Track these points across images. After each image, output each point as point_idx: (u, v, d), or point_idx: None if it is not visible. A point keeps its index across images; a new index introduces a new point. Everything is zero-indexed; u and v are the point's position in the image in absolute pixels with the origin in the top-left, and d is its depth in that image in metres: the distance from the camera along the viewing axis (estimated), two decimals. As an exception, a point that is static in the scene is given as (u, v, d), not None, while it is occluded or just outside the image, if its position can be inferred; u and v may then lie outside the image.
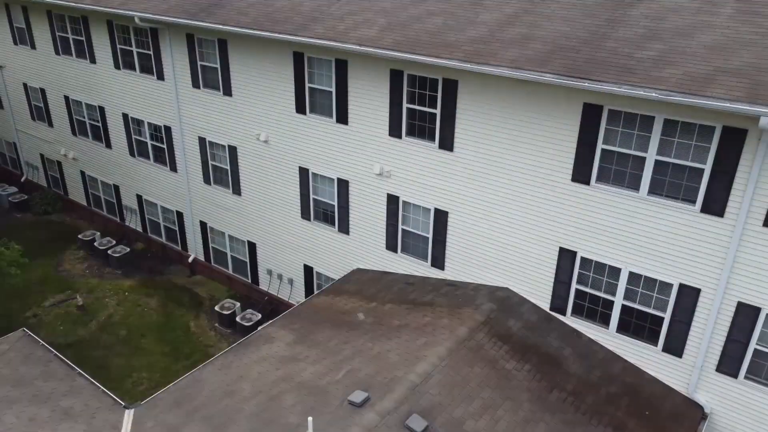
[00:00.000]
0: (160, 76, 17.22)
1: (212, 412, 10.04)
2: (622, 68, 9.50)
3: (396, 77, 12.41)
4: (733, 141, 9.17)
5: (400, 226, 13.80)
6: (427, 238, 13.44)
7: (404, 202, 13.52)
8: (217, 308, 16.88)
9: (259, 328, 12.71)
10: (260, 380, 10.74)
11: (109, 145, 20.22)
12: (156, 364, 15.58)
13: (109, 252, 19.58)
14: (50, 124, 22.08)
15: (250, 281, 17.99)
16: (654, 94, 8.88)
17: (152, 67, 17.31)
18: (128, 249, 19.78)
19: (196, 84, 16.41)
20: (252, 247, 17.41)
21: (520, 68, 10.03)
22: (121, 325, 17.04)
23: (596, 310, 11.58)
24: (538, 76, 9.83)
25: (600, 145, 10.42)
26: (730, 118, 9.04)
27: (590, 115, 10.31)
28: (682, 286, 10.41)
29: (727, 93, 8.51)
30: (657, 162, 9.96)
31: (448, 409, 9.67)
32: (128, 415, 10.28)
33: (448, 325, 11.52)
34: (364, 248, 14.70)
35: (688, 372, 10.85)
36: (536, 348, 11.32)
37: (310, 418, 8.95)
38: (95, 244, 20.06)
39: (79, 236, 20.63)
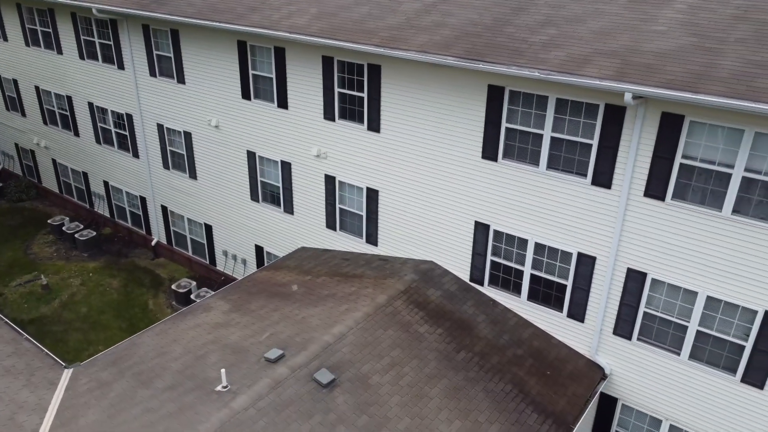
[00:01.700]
0: (121, 66, 18.03)
1: (142, 369, 10.86)
2: (515, 51, 10.32)
3: (327, 63, 13.22)
4: (614, 118, 9.98)
5: (338, 205, 14.62)
6: (362, 216, 14.26)
7: (340, 182, 14.33)
8: (173, 287, 17.69)
9: (199, 299, 13.52)
10: (191, 343, 11.55)
11: (77, 134, 21.03)
12: (113, 338, 16.38)
13: (76, 236, 20.39)
14: (23, 114, 22.89)
15: (208, 262, 18.81)
16: (536, 74, 9.70)
17: (113, 57, 18.12)
18: (94, 233, 20.59)
19: (152, 73, 17.22)
20: (209, 229, 18.23)
21: (426, 52, 10.85)
22: (82, 303, 17.86)
23: (509, 280, 12.40)
24: (441, 59, 10.65)
25: (504, 124, 11.23)
26: (610, 96, 9.86)
27: (494, 96, 11.12)
28: (580, 255, 11.23)
29: (599, 72, 9.33)
30: (553, 139, 10.79)
31: (357, 365, 10.50)
32: (66, 373, 11.09)
33: (371, 294, 12.35)
34: (307, 227, 15.53)
35: (590, 336, 11.67)
36: (451, 314, 12.14)
37: (222, 370, 9.82)
38: (63, 228, 20.87)
39: (49, 221, 21.45)
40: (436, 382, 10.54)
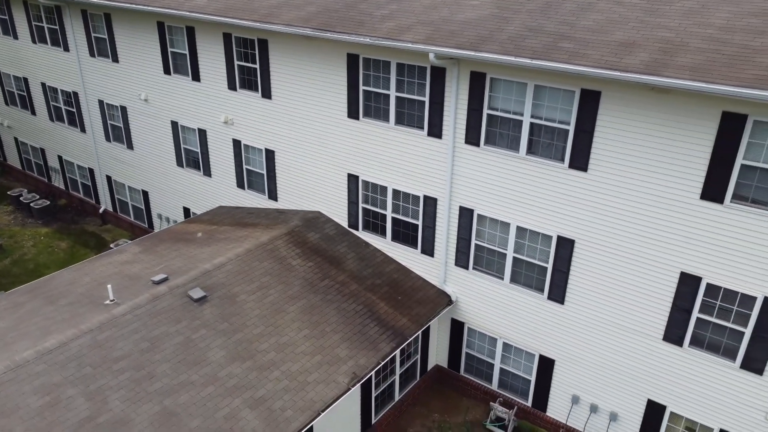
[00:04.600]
0: (66, 48, 20.06)
1: (53, 293, 12.87)
2: (359, 23, 12.33)
3: (227, 39, 15.23)
4: (438, 78, 11.97)
5: (245, 167, 16.63)
6: (263, 174, 16.27)
7: (245, 145, 16.35)
8: (112, 245, 19.72)
9: (119, 246, 15.53)
10: (99, 275, 13.56)
11: (33, 112, 23.07)
12: (54, 289, 18.39)
13: (31, 205, 22.43)
14: (-12, 96, 24.94)
15: (147, 226, 20.83)
16: (368, 40, 11.70)
17: (59, 40, 20.15)
18: (48, 202, 22.62)
19: (92, 53, 19.25)
20: (146, 195, 20.25)
21: (290, 25, 12.87)
22: (31, 261, 19.90)
23: (378, 224, 14.39)
24: (298, 30, 12.66)
25: (361, 87, 13.23)
26: (438, 60, 11.81)
27: (352, 63, 13.12)
28: (426, 198, 13.22)
29: (413, 37, 11.33)
30: (397, 98, 12.78)
31: (228, 287, 12.51)
32: (-10, 299, 13.11)
33: (258, 236, 14.36)
34: (222, 188, 17.54)
35: (438, 268, 13.66)
36: (324, 252, 14.14)
37: (108, 286, 11.84)
38: (21, 198, 22.91)
39: (8, 193, 23.49)
40: (295, 302, 12.54)
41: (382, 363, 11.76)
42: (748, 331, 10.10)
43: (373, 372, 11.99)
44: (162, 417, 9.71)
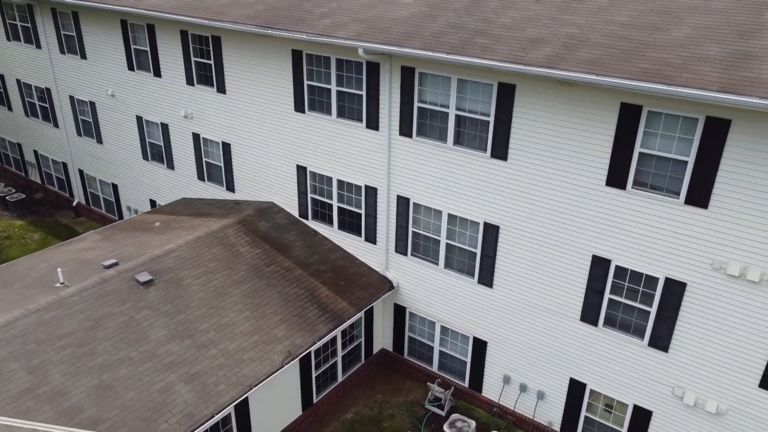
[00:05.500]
0: (38, 45, 20.69)
1: (9, 278, 13.50)
2: (300, 20, 12.96)
3: (184, 36, 15.86)
4: (372, 73, 12.60)
5: (204, 159, 17.26)
6: (221, 167, 16.90)
7: (204, 139, 16.98)
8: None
9: (81, 235, 16.14)
10: (56, 262, 14.19)
11: (10, 108, 23.70)
12: (24, 278, 19.02)
13: (7, 198, 23.06)
14: (-33, 93, 25.57)
15: (117, 218, 21.46)
16: (304, 36, 12.34)
17: (32, 37, 20.78)
18: (23, 195, 23.26)
19: (62, 50, 19.88)
20: (115, 188, 20.88)
21: (236, 22, 13.49)
22: (2, 252, 20.52)
23: (325, 214, 15.02)
24: (244, 27, 13.29)
25: (306, 82, 13.86)
26: (367, 55, 12.46)
27: (296, 60, 13.75)
28: (367, 187, 13.85)
29: (346, 34, 11.96)
30: (338, 92, 13.41)
31: (176, 271, 13.14)
32: (-49, 283, 13.73)
33: (210, 225, 14.99)
34: (185, 180, 18.17)
35: (380, 255, 14.29)
36: (273, 240, 14.77)
37: (59, 269, 12.46)
38: (-3, 192, 23.58)
39: (-14, 186, 24.16)
40: (239, 286, 13.17)
41: (319, 343, 12.39)
42: (653, 311, 10.73)
43: (311, 352, 12.65)
44: (99, 389, 10.34)
